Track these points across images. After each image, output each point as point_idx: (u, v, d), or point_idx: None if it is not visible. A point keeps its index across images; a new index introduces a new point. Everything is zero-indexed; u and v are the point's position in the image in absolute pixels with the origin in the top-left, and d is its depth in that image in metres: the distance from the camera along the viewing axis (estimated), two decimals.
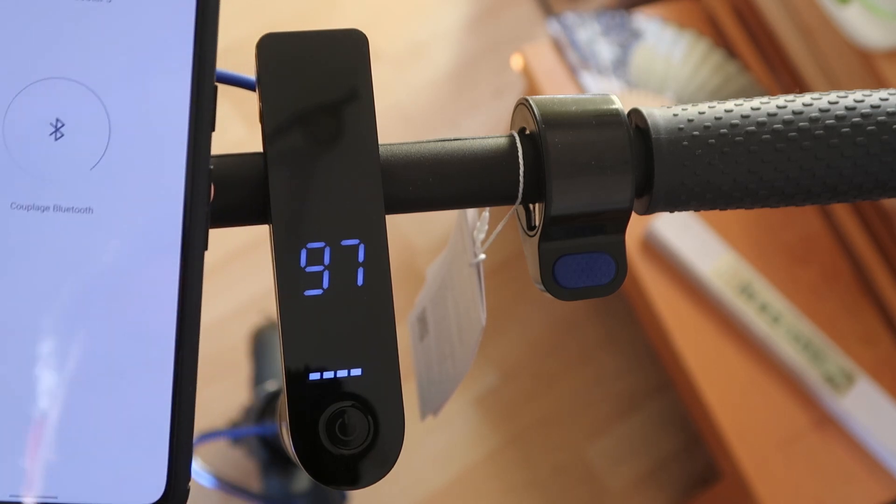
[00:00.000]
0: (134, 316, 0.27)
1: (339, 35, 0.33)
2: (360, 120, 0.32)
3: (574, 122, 0.34)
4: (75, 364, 0.26)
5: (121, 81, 0.27)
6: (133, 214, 0.27)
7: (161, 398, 0.27)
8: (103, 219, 0.27)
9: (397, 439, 0.31)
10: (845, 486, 1.09)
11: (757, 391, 1.12)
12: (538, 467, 1.26)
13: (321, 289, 0.31)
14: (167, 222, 0.27)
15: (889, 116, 0.34)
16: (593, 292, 0.35)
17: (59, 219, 0.26)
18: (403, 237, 1.34)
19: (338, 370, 0.31)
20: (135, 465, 0.26)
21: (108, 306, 0.26)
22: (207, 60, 0.27)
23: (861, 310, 1.18)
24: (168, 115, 0.27)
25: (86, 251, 0.26)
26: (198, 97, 0.27)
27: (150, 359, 0.27)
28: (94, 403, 0.26)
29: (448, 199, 0.34)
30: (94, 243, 0.27)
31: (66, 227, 0.26)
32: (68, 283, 0.26)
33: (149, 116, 0.27)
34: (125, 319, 0.27)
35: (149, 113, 0.27)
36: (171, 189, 0.27)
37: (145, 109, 0.27)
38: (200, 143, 0.27)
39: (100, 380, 0.26)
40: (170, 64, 0.27)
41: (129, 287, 0.27)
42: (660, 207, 0.35)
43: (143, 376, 0.27)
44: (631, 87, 1.22)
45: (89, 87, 0.27)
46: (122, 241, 0.27)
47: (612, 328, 1.34)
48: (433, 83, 1.47)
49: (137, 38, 0.27)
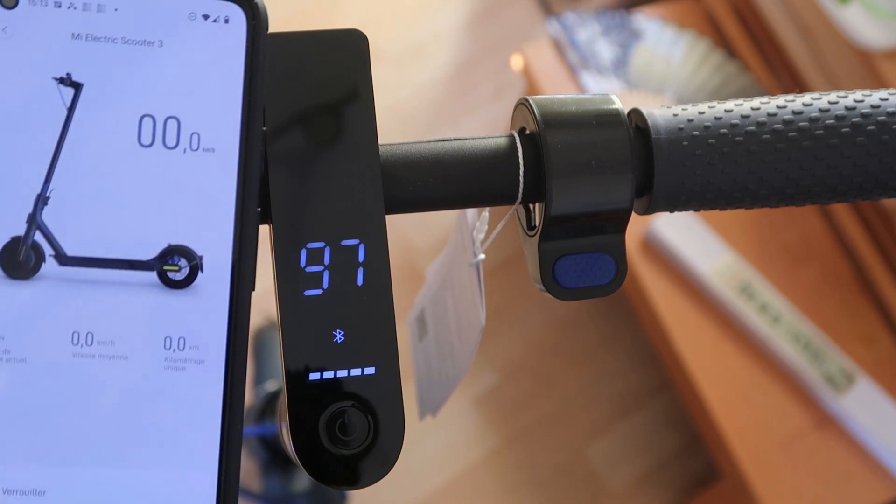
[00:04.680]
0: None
1: (339, 35, 0.33)
2: (360, 120, 0.32)
3: (574, 122, 0.34)
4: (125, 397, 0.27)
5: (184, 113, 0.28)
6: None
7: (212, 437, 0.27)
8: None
9: (397, 439, 0.31)
10: (845, 486, 1.09)
11: (757, 391, 1.12)
12: (538, 467, 1.26)
13: (321, 289, 0.31)
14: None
15: (889, 116, 0.34)
16: (593, 292, 0.35)
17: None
18: (403, 237, 1.34)
19: (338, 370, 0.31)
20: (185, 502, 0.27)
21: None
22: (256, 104, 0.28)
23: (861, 310, 1.18)
24: (221, 141, 0.28)
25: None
26: (247, 139, 0.28)
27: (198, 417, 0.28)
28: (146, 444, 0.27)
29: (448, 199, 0.34)
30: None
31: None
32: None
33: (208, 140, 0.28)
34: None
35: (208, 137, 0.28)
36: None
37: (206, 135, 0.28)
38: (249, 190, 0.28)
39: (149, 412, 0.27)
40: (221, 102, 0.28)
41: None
42: (660, 207, 0.35)
43: (193, 419, 0.27)
44: (631, 87, 1.22)
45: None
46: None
47: (612, 328, 1.34)
48: (433, 83, 1.47)
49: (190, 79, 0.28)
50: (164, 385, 0.27)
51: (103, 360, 0.27)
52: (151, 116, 0.28)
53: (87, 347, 0.27)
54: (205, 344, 0.28)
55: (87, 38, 0.27)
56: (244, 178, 0.28)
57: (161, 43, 0.27)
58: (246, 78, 0.28)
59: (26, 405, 0.26)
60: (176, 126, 0.28)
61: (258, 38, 0.28)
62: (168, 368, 0.27)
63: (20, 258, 0.27)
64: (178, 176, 0.28)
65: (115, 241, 0.27)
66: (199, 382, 0.27)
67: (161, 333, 0.27)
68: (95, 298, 0.27)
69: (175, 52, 0.28)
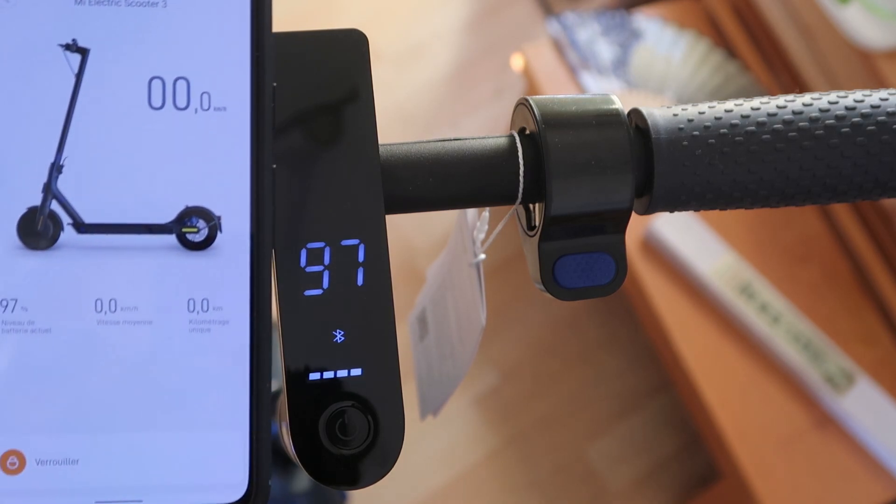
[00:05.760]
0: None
1: (339, 35, 0.33)
2: (360, 120, 0.32)
3: (574, 122, 0.34)
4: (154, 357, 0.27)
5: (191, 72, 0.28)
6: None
7: (241, 394, 0.27)
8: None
9: (397, 439, 0.31)
10: (845, 486, 1.09)
11: (757, 391, 1.12)
12: (538, 467, 1.26)
13: (321, 289, 0.31)
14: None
15: (889, 116, 0.34)
16: (593, 292, 0.35)
17: None
18: (403, 237, 1.34)
19: (338, 370, 0.31)
20: (217, 463, 0.27)
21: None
22: (264, 59, 0.28)
23: (861, 310, 1.18)
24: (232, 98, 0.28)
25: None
26: (258, 96, 0.28)
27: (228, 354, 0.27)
28: (174, 402, 0.27)
29: (448, 199, 0.34)
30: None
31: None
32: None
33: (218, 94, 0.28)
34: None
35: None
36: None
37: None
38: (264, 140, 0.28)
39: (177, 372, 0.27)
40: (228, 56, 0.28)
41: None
42: (660, 207, 0.35)
43: (222, 375, 0.27)
44: (631, 87, 1.22)
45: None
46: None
47: (612, 328, 1.34)
48: (433, 83, 1.47)
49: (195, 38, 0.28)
50: (191, 347, 0.27)
51: (128, 325, 0.27)
52: (160, 78, 0.27)
53: (110, 314, 0.27)
54: (228, 304, 0.27)
55: (90, 2, 0.27)
56: (258, 135, 0.28)
57: (164, 3, 0.27)
58: (252, 33, 0.28)
59: (54, 375, 0.26)
60: (186, 86, 0.27)
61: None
62: (193, 331, 0.27)
63: (38, 228, 0.27)
64: (191, 137, 0.27)
65: (133, 206, 0.27)
66: (226, 343, 0.27)
67: (184, 296, 0.27)
68: (116, 265, 0.27)
69: (179, 11, 0.27)
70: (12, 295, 0.26)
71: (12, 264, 0.26)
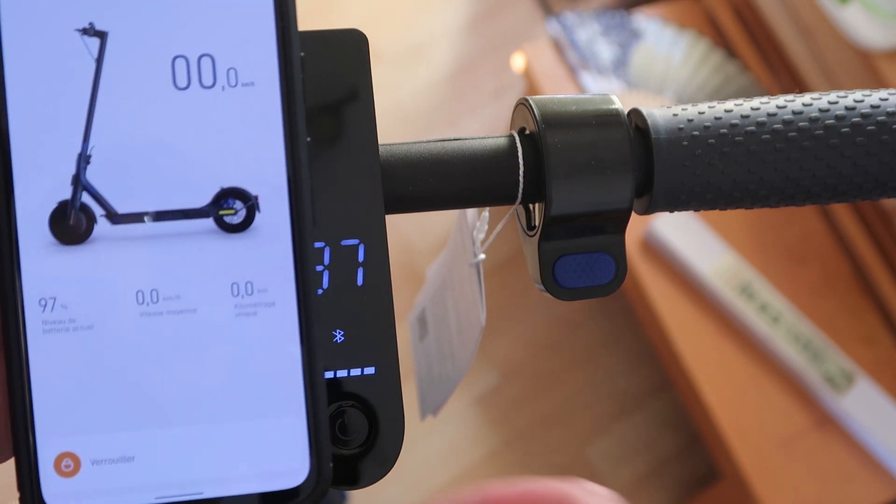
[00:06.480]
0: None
1: (338, 35, 0.33)
2: (360, 120, 0.32)
3: (574, 122, 0.34)
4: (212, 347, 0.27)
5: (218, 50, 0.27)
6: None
7: (295, 380, 0.27)
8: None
9: (397, 439, 0.31)
10: (845, 486, 1.09)
11: (757, 391, 1.12)
12: (538, 467, 1.26)
13: (321, 289, 0.31)
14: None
15: (889, 116, 0.34)
16: (593, 292, 0.35)
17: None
18: (403, 237, 1.34)
19: (337, 370, 0.31)
20: (275, 450, 0.26)
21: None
22: (290, 29, 0.27)
23: (861, 310, 1.18)
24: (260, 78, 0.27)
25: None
26: (286, 68, 0.27)
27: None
28: (234, 393, 0.26)
29: (448, 199, 0.34)
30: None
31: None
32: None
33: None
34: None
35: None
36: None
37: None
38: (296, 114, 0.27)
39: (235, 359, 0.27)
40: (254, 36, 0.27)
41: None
42: (660, 207, 0.35)
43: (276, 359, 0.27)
44: (631, 87, 1.22)
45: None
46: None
47: (612, 328, 1.34)
48: (433, 83, 1.47)
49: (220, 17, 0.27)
50: (238, 333, 0.26)
51: (172, 315, 0.26)
52: (184, 57, 0.26)
53: (153, 305, 0.26)
54: (273, 285, 0.27)
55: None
56: (289, 109, 0.27)
57: None
58: (276, 2, 0.27)
59: (101, 372, 0.26)
60: (211, 64, 0.26)
61: None
62: (239, 315, 0.26)
63: (70, 223, 0.26)
64: (220, 115, 0.27)
65: (166, 192, 0.26)
66: (274, 325, 0.26)
67: (227, 280, 0.26)
68: (154, 254, 0.26)
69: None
70: (51, 293, 0.26)
71: (48, 262, 0.26)
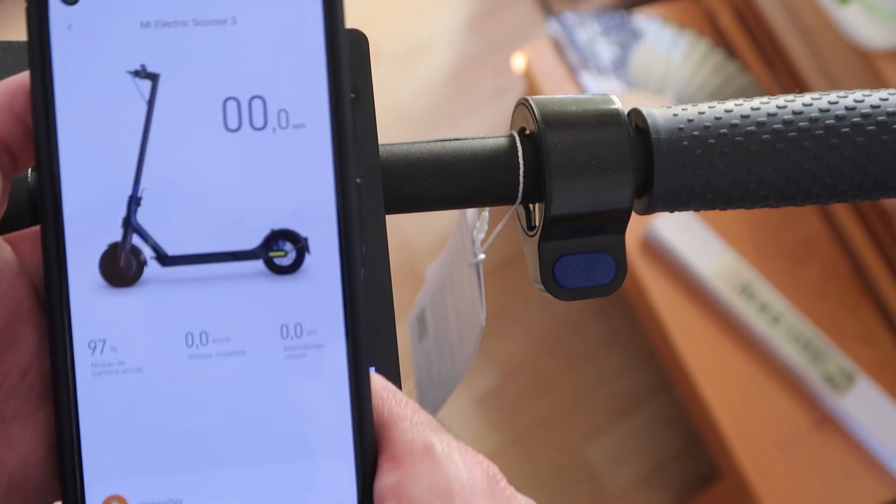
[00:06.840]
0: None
1: None
2: (360, 120, 0.32)
3: (574, 122, 0.34)
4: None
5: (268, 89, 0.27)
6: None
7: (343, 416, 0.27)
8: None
9: None
10: (845, 486, 1.09)
11: (757, 391, 1.12)
12: (538, 467, 1.26)
13: None
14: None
15: (889, 116, 0.34)
16: (593, 292, 0.35)
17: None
18: (403, 237, 1.34)
19: None
20: (323, 493, 0.26)
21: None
22: (340, 71, 0.27)
23: (861, 310, 1.18)
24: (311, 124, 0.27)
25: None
26: (336, 109, 0.27)
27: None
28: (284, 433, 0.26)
29: (448, 199, 0.34)
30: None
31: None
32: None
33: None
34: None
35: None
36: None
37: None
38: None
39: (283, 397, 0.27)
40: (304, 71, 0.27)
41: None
42: (660, 207, 0.35)
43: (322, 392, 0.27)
44: (631, 87, 1.22)
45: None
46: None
47: (612, 328, 1.34)
48: (433, 83, 1.47)
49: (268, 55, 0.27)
50: (287, 375, 0.26)
51: (221, 357, 0.26)
52: (235, 99, 0.26)
53: (202, 347, 0.26)
54: (322, 327, 0.27)
55: (157, 24, 0.26)
56: (339, 150, 0.27)
57: (234, 20, 0.26)
58: (327, 44, 0.27)
59: (149, 415, 0.26)
60: (262, 105, 0.26)
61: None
62: (289, 357, 0.26)
63: (121, 265, 0.26)
64: (271, 157, 0.26)
65: (216, 234, 0.26)
66: (323, 367, 0.26)
67: (276, 322, 0.26)
68: (204, 296, 0.26)
69: (249, 28, 0.26)
70: (100, 336, 0.26)
71: (97, 304, 0.26)
